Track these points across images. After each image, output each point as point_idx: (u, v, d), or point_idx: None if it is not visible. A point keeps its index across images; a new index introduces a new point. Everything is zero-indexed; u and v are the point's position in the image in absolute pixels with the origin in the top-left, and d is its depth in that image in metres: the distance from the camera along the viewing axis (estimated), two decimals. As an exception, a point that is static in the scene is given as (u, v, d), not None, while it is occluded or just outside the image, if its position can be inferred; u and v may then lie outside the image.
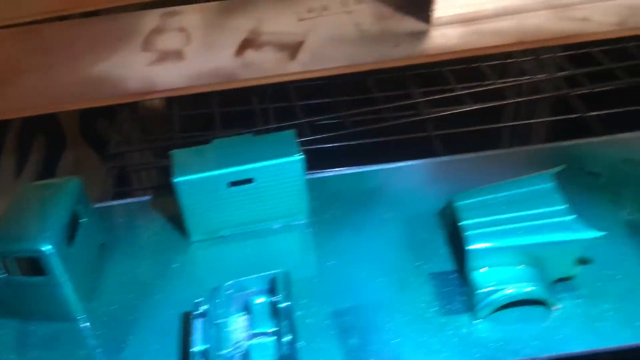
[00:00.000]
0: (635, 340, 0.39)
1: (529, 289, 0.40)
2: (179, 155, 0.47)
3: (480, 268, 0.41)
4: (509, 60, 0.75)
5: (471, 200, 0.43)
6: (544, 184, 0.43)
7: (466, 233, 0.41)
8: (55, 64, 0.71)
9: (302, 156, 0.46)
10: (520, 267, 0.41)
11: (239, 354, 0.37)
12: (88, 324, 0.43)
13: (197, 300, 0.40)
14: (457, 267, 0.43)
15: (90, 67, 0.72)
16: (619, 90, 0.65)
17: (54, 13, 0.83)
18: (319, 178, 0.54)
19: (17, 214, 0.42)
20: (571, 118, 0.62)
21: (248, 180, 0.46)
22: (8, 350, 0.42)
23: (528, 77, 0.69)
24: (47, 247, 0.39)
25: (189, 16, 0.81)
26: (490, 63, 0.72)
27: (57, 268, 0.40)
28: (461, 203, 0.43)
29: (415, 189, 0.52)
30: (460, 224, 0.42)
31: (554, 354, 0.39)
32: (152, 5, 0.85)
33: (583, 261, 0.41)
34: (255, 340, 0.38)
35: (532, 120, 0.81)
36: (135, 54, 0.74)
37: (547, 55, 0.77)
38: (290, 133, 0.49)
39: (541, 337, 0.39)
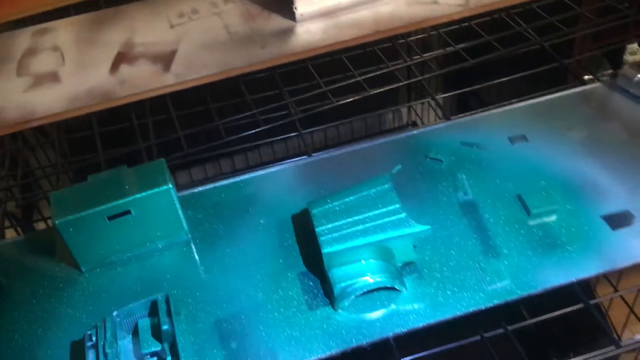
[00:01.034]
0: (467, 308, 0.47)
1: (377, 279, 0.47)
2: (56, 196, 0.51)
3: (336, 266, 0.48)
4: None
5: (324, 208, 0.49)
6: (382, 185, 0.49)
7: (321, 238, 0.47)
8: None
9: (170, 185, 0.50)
10: (369, 260, 0.48)
11: (129, 377, 0.43)
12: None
13: (88, 332, 0.45)
14: (318, 265, 0.50)
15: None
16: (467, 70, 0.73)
17: None
18: (196, 192, 0.59)
19: None
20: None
21: (126, 212, 0.50)
22: None
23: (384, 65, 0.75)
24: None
25: (61, 32, 0.82)
26: (349, 54, 0.78)
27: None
28: (315, 210, 0.49)
29: (285, 193, 0.58)
30: (316, 230, 0.48)
31: (398, 330, 0.46)
32: (25, 22, 0.85)
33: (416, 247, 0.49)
34: (143, 361, 0.44)
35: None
36: (11, 79, 0.75)
37: (402, 41, 0.83)
38: (161, 162, 0.53)
39: (389, 318, 0.47)
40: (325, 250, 0.47)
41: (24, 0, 0.85)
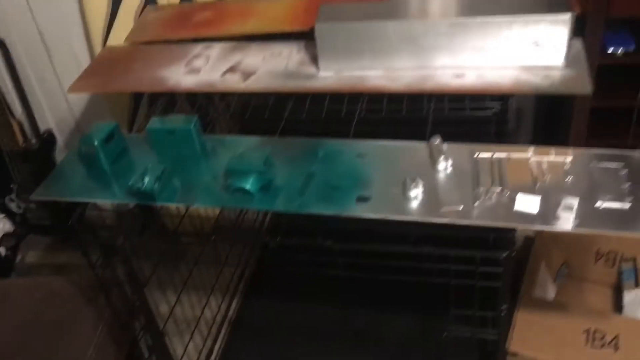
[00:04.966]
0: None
1: (243, 185, 1.09)
2: (154, 120, 1.22)
3: (230, 177, 1.11)
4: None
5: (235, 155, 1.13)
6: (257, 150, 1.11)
7: (228, 165, 1.11)
8: (143, 69, 1.50)
9: (192, 126, 1.18)
10: (244, 180, 1.10)
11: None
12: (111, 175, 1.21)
13: (139, 172, 1.16)
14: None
15: (158, 72, 1.49)
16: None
17: (160, 37, 1.63)
18: (218, 138, 1.26)
19: (93, 133, 1.20)
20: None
21: (173, 132, 1.20)
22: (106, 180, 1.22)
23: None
24: (96, 143, 1.17)
25: (215, 50, 1.55)
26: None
27: (101, 152, 1.18)
28: (239, 153, 1.13)
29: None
30: (228, 163, 1.12)
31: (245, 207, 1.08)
32: (211, 39, 1.60)
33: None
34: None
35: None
36: (179, 68, 1.49)
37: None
38: (194, 116, 1.21)
39: (246, 201, 1.09)
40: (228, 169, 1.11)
41: (220, 28, 1.60)
